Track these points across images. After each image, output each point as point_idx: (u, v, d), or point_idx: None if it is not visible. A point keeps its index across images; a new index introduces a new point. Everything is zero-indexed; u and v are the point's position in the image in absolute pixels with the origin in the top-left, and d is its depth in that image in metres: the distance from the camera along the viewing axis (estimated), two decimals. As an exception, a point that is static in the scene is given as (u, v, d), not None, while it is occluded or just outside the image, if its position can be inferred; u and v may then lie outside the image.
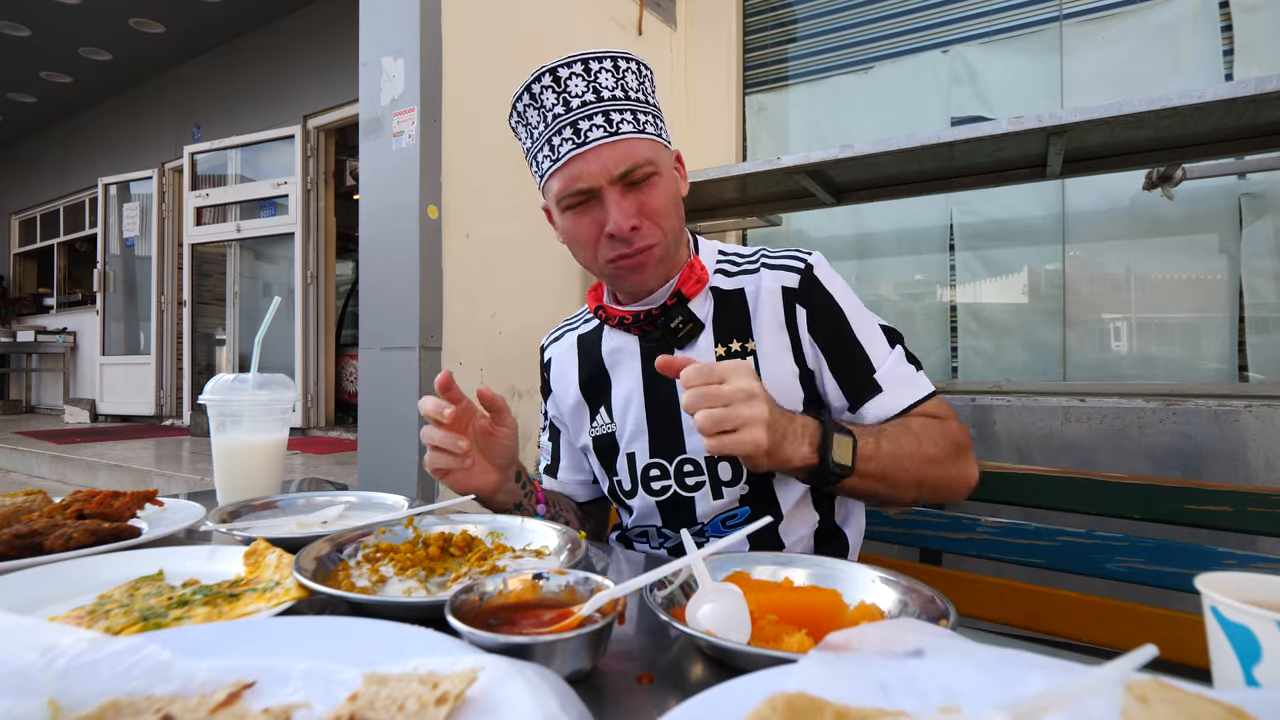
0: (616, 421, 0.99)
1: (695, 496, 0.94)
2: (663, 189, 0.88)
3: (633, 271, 0.90)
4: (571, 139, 0.85)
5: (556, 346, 1.11)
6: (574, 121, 0.85)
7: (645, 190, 0.87)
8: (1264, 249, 2.28)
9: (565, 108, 0.85)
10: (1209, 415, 1.64)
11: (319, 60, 5.30)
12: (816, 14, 3.16)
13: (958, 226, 2.85)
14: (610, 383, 1.01)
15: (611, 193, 0.85)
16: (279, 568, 0.67)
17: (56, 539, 0.74)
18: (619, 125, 0.85)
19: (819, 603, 0.58)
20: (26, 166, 8.63)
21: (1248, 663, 0.36)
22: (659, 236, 0.88)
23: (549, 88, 0.86)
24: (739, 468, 0.91)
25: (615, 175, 0.85)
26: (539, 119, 0.88)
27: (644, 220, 0.87)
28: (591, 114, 0.85)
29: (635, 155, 0.85)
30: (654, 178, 0.87)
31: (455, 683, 0.38)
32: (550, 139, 0.87)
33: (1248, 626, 0.36)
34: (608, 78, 0.86)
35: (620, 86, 0.86)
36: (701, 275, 0.94)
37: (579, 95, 0.85)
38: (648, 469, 0.97)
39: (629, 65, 0.87)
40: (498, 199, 2.40)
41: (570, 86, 0.85)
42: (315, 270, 5.31)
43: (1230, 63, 2.34)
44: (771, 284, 0.93)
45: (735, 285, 0.96)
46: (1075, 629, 1.05)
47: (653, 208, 0.87)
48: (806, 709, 0.34)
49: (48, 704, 0.38)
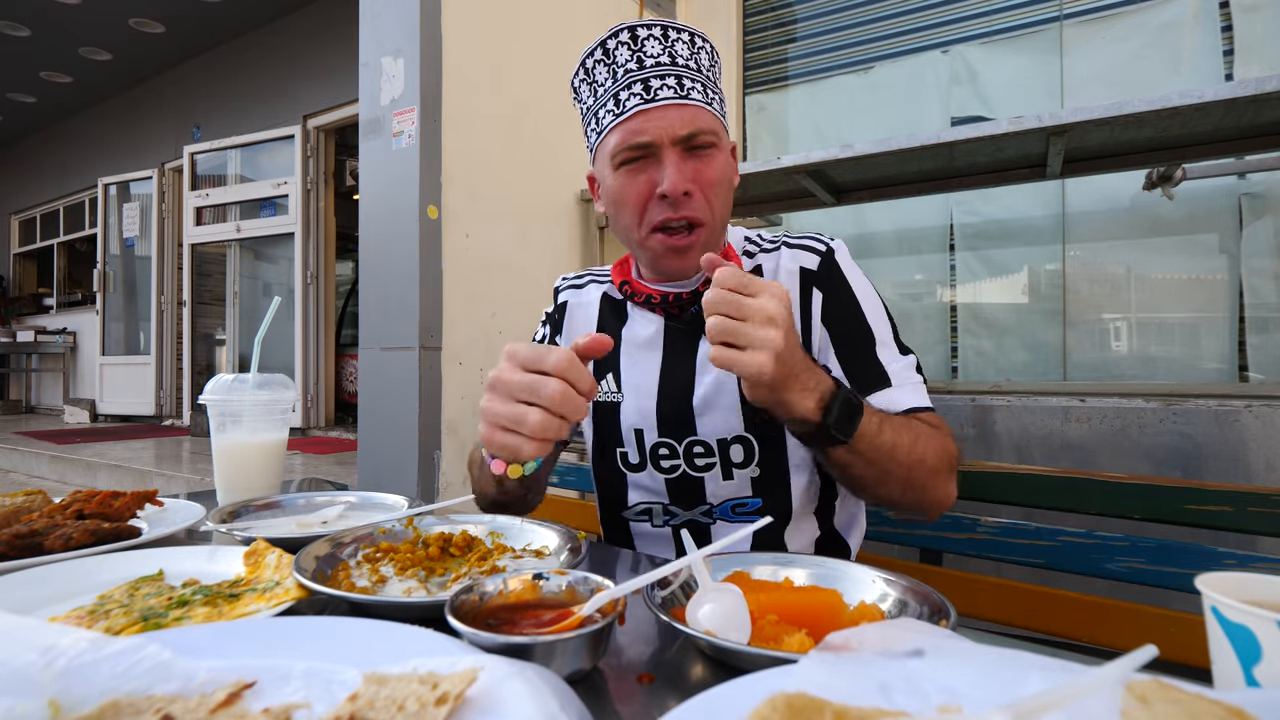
0: (624, 393, 0.98)
1: (705, 477, 0.94)
2: (720, 164, 0.88)
3: (678, 255, 0.88)
4: (640, 94, 0.85)
5: (577, 294, 1.09)
6: (645, 79, 0.85)
7: (704, 159, 0.86)
8: (1264, 249, 2.28)
9: (639, 65, 0.86)
10: (1209, 415, 1.64)
11: (319, 60, 5.30)
12: (816, 14, 3.16)
13: (958, 226, 2.85)
14: (621, 353, 1.00)
15: (671, 153, 0.85)
16: (279, 568, 0.67)
17: (56, 539, 0.75)
18: (689, 91, 0.85)
19: (819, 603, 0.58)
20: (26, 166, 8.64)
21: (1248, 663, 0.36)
22: (707, 213, 0.87)
23: (625, 44, 0.86)
24: (750, 450, 0.91)
25: (679, 135, 0.84)
26: (608, 74, 0.88)
27: (698, 189, 0.86)
28: (664, 74, 0.85)
29: (700, 121, 0.85)
30: (714, 150, 0.87)
31: (455, 683, 0.38)
32: (617, 93, 0.87)
33: (1248, 627, 0.36)
34: (684, 48, 0.86)
35: (694, 59, 0.87)
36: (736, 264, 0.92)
37: (654, 56, 0.85)
38: (656, 447, 0.96)
39: (704, 45, 0.88)
40: (498, 199, 2.40)
41: (647, 47, 0.85)
42: (315, 270, 5.31)
43: (1230, 63, 2.34)
44: (790, 264, 0.93)
45: (754, 264, 0.96)
46: (1075, 629, 1.05)
47: (709, 178, 0.86)
48: (806, 709, 0.34)
49: (48, 704, 0.38)
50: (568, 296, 1.09)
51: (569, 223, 2.72)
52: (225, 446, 0.94)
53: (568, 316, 1.07)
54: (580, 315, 1.06)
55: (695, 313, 0.92)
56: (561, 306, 1.08)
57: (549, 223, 2.64)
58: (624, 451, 1.00)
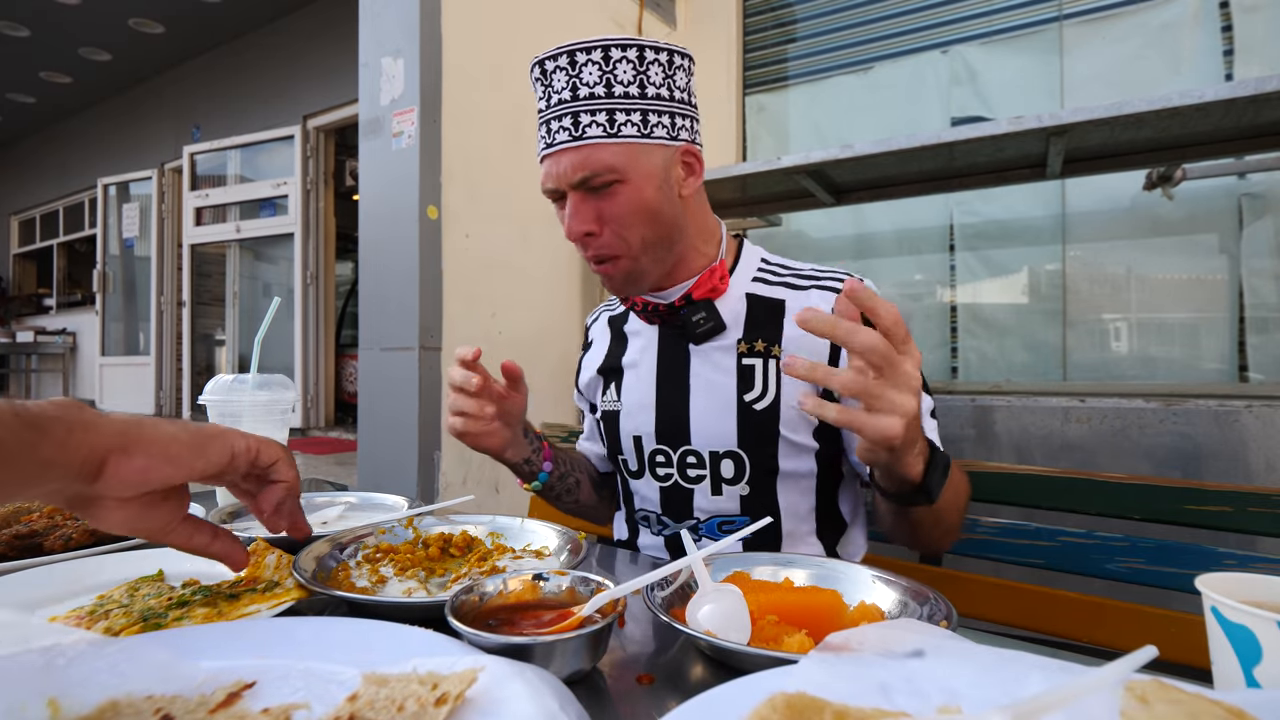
0: (624, 402, 1.00)
1: (695, 489, 0.94)
2: (626, 198, 0.84)
3: (605, 278, 0.91)
4: (544, 138, 0.86)
5: (595, 327, 1.13)
6: (548, 121, 0.85)
7: (606, 198, 0.84)
8: (1264, 249, 2.28)
9: (546, 103, 0.86)
10: (1209, 415, 1.64)
11: (319, 60, 5.30)
12: (816, 14, 3.16)
13: (958, 226, 2.85)
14: (624, 364, 1.02)
15: (572, 197, 0.85)
16: (279, 568, 0.67)
17: (56, 539, 0.75)
18: (585, 129, 0.82)
19: (819, 603, 0.58)
20: (26, 167, 8.64)
21: (1248, 663, 0.36)
22: (620, 247, 0.86)
23: (538, 80, 0.86)
24: (741, 468, 0.91)
25: (573, 181, 0.84)
26: (542, 96, 0.88)
27: (603, 227, 0.85)
28: (561, 115, 0.84)
29: (594, 162, 0.83)
30: (616, 185, 0.84)
31: (455, 683, 0.38)
32: (539, 130, 0.88)
33: (1248, 627, 0.36)
34: (592, 71, 0.82)
35: (605, 81, 0.82)
36: (719, 285, 0.92)
37: (558, 92, 0.84)
38: (654, 454, 0.97)
39: (623, 54, 0.82)
40: (498, 199, 2.40)
41: (554, 81, 0.84)
42: (315, 270, 5.31)
43: (1230, 63, 2.34)
44: (821, 305, 0.90)
45: (775, 295, 0.93)
46: (1075, 629, 1.05)
47: (613, 215, 0.85)
48: (806, 709, 0.34)
49: (48, 704, 0.38)
50: (592, 334, 1.14)
51: (569, 223, 2.72)
52: None
53: (590, 349, 1.12)
54: (597, 346, 1.10)
55: (684, 314, 0.92)
56: (589, 345, 1.14)
57: (549, 223, 2.63)
58: (624, 459, 1.01)
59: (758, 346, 0.91)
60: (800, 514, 0.93)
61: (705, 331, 0.92)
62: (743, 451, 0.90)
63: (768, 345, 0.91)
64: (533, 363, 2.47)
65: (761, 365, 0.90)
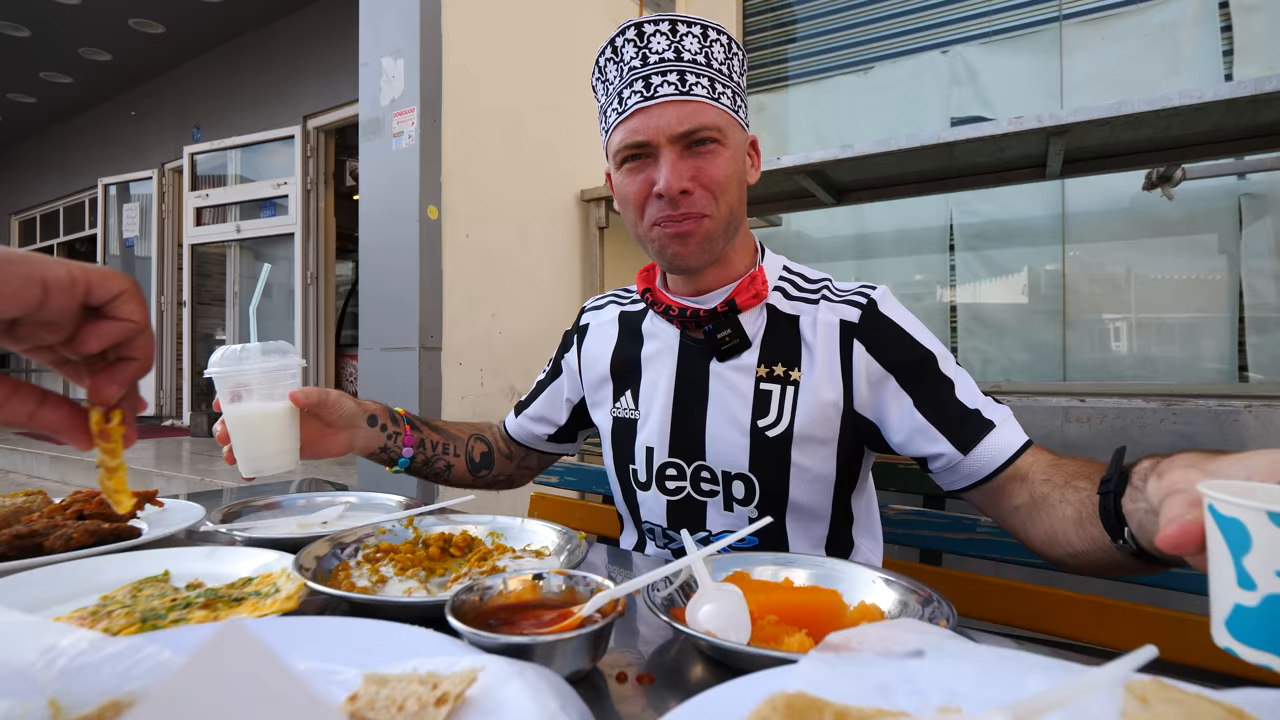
0: (641, 410, 0.98)
1: (708, 503, 0.93)
2: (725, 160, 0.84)
3: (676, 239, 0.85)
4: (641, 91, 0.84)
5: (597, 315, 1.09)
6: (647, 76, 0.83)
7: (705, 156, 0.84)
8: (1264, 249, 2.28)
9: (642, 62, 0.84)
10: (1209, 415, 1.64)
11: (319, 60, 5.29)
12: (816, 14, 3.16)
13: (958, 227, 2.86)
14: (642, 370, 0.99)
15: (669, 152, 0.83)
16: (287, 581, 0.66)
17: (56, 539, 0.75)
18: (692, 87, 0.83)
19: (819, 603, 0.58)
20: (26, 167, 8.63)
21: (1238, 553, 0.36)
22: (711, 208, 0.84)
23: (631, 41, 0.84)
24: (751, 490, 0.90)
25: (676, 133, 0.82)
26: (616, 73, 0.86)
27: (697, 187, 0.84)
28: (666, 70, 0.83)
29: (701, 118, 0.82)
30: (717, 146, 0.84)
31: (455, 683, 0.38)
32: (621, 92, 0.85)
33: (1240, 519, 0.37)
34: (693, 42, 0.83)
35: (704, 53, 0.84)
36: (761, 290, 0.90)
37: (658, 52, 0.83)
38: (664, 467, 0.96)
39: (718, 37, 0.85)
40: (498, 199, 2.40)
41: (652, 43, 0.83)
42: (315, 271, 5.31)
43: (1230, 63, 2.34)
44: (829, 317, 0.88)
45: (792, 311, 0.91)
46: (1075, 629, 1.05)
47: (710, 175, 0.83)
48: (806, 709, 0.34)
49: (48, 704, 0.38)
50: (589, 319, 1.10)
51: (569, 223, 2.72)
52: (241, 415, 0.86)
53: (587, 337, 1.08)
54: (599, 335, 1.06)
55: (709, 331, 0.90)
56: (583, 329, 1.10)
57: (549, 223, 2.64)
58: (634, 469, 0.99)
59: (777, 371, 0.89)
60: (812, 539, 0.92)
61: (731, 349, 0.90)
62: (753, 475, 0.89)
63: (786, 369, 0.89)
64: (533, 362, 2.47)
65: (779, 391, 0.88)
